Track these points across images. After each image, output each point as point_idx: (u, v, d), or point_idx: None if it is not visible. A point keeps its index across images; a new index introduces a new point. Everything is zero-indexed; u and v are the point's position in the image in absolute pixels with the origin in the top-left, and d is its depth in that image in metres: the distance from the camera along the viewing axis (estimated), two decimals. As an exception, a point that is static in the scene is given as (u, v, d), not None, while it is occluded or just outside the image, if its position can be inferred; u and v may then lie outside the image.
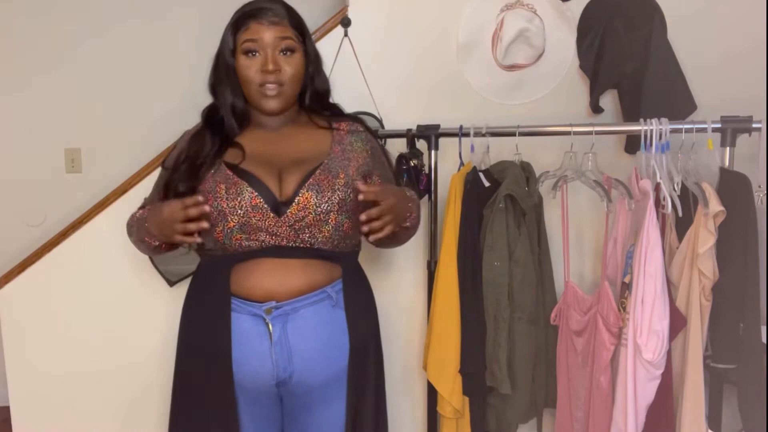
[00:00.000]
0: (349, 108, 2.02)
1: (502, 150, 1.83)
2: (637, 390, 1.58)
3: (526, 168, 1.80)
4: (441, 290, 1.79)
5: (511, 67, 2.00)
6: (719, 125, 1.64)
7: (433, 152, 1.88)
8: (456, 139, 1.83)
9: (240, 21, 1.38)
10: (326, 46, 2.01)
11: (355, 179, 1.38)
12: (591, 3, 1.96)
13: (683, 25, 1.92)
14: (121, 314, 2.13)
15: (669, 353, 1.59)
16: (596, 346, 1.69)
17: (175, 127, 1.54)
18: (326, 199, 1.33)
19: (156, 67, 2.62)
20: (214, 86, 1.45)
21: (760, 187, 1.59)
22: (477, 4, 1.99)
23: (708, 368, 1.62)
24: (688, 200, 1.62)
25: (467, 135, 1.80)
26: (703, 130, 1.63)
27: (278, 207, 1.33)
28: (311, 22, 2.35)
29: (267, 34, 1.36)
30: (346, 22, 1.99)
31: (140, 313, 2.13)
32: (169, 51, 2.61)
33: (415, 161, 1.84)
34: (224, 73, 1.41)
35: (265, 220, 1.32)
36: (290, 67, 1.38)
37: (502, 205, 1.72)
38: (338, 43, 2.00)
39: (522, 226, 1.76)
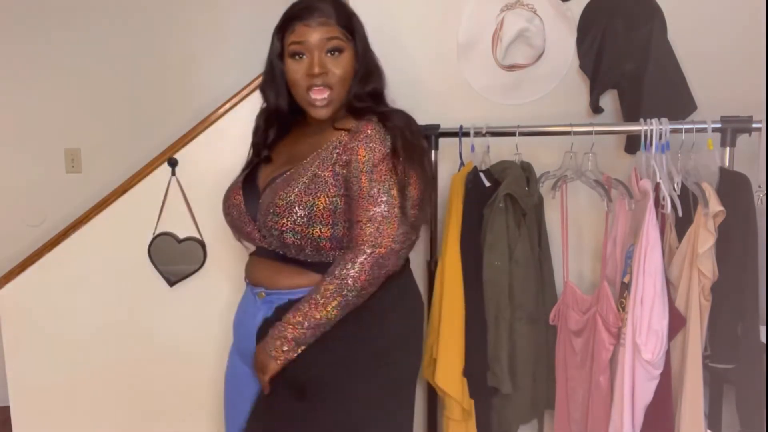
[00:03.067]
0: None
1: (502, 150, 1.83)
2: (635, 390, 1.58)
3: (526, 168, 1.80)
4: (447, 292, 1.77)
5: (511, 67, 2.00)
6: (719, 125, 1.64)
7: (433, 152, 1.88)
8: (456, 139, 1.83)
9: (286, 23, 1.36)
10: (326, 46, 2.01)
11: (308, 192, 1.30)
12: (591, 3, 1.96)
13: (683, 25, 1.92)
14: (121, 314, 2.13)
15: (668, 353, 1.59)
16: (595, 346, 1.69)
17: (173, 127, 1.55)
18: (278, 207, 1.32)
19: (156, 67, 2.62)
20: (263, 90, 1.45)
21: (760, 187, 1.59)
22: (477, 4, 1.99)
23: (707, 368, 1.62)
24: (688, 200, 1.62)
25: (467, 135, 1.80)
26: (703, 130, 1.63)
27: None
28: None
29: (313, 35, 1.32)
30: (346, 22, 1.98)
31: (140, 313, 2.13)
32: (168, 52, 2.61)
33: (415, 161, 1.84)
34: (271, 76, 1.41)
35: (245, 224, 1.40)
36: (338, 68, 1.33)
37: (502, 204, 1.72)
38: (338, 43, 2.00)
39: (522, 226, 1.76)
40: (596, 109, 1.98)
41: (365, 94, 1.40)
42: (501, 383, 1.75)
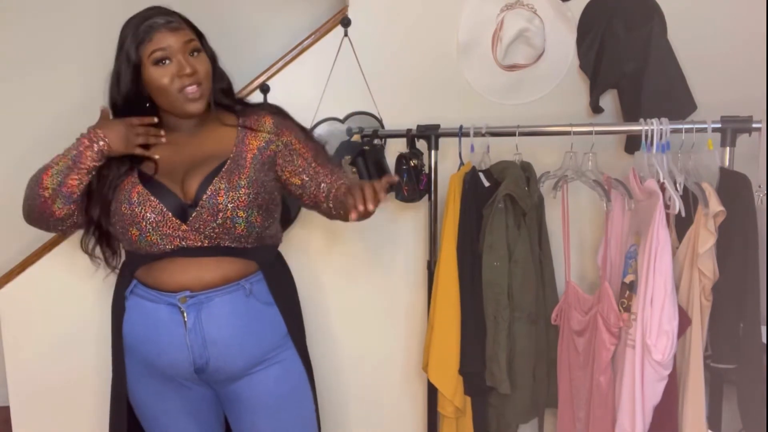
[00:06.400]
0: (349, 108, 2.04)
1: (502, 150, 1.83)
2: (645, 391, 1.58)
3: (526, 168, 1.80)
4: (441, 290, 1.79)
5: (511, 67, 2.00)
6: (719, 125, 1.64)
7: (433, 152, 1.88)
8: (456, 139, 1.83)
9: (141, 34, 1.38)
10: (326, 46, 2.01)
11: (258, 176, 1.42)
12: (591, 3, 1.96)
13: (683, 25, 1.92)
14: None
15: (672, 354, 1.59)
16: (596, 346, 1.69)
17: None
18: (230, 198, 1.37)
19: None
20: (119, 104, 1.46)
21: (760, 187, 1.59)
22: (477, 4, 1.99)
23: (708, 368, 1.62)
24: (688, 200, 1.62)
25: (467, 135, 1.80)
26: (703, 130, 1.63)
27: (185, 211, 1.38)
28: (311, 22, 2.35)
29: (173, 40, 1.38)
30: (346, 22, 1.99)
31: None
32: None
33: (415, 161, 1.84)
34: (132, 89, 1.42)
35: (172, 227, 1.38)
36: (202, 66, 1.41)
37: (501, 205, 1.72)
38: (338, 43, 2.00)
39: (522, 227, 1.76)
40: (596, 109, 1.98)
41: (224, 91, 1.51)
42: (499, 383, 1.75)
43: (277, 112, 1.53)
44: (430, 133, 1.86)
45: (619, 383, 1.64)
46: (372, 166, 1.89)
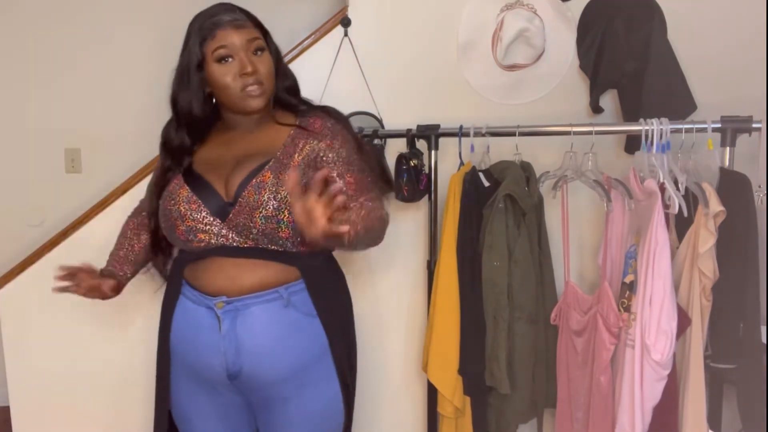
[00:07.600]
0: (348, 108, 2.03)
1: (502, 150, 1.83)
2: (644, 391, 1.58)
3: (526, 168, 1.80)
4: (441, 290, 1.80)
5: (511, 67, 2.00)
6: (719, 125, 1.64)
7: (433, 152, 1.88)
8: (456, 139, 1.83)
9: (205, 31, 1.38)
10: (326, 46, 2.02)
11: (302, 179, 1.36)
12: (591, 3, 1.96)
13: (683, 25, 1.92)
14: (121, 314, 2.13)
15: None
16: (596, 346, 1.69)
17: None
18: (270, 196, 1.33)
19: (156, 67, 2.62)
20: (179, 100, 1.45)
21: (760, 187, 1.59)
22: (477, 4, 1.99)
23: (708, 368, 1.62)
24: (689, 200, 1.62)
25: (467, 135, 1.80)
26: (703, 130, 1.63)
27: (225, 209, 1.36)
28: (311, 22, 2.36)
29: (236, 37, 1.36)
30: (346, 22, 1.99)
31: (140, 313, 2.13)
32: (169, 52, 2.60)
33: (415, 161, 1.84)
34: (187, 87, 1.41)
35: (210, 224, 1.37)
36: (264, 65, 1.39)
37: (501, 205, 1.73)
38: (338, 43, 2.00)
39: (522, 226, 1.76)
40: (596, 109, 1.98)
41: (287, 90, 1.49)
42: (499, 383, 1.75)
43: (338, 119, 1.48)
44: (430, 133, 1.86)
45: (619, 383, 1.64)
46: (372, 166, 1.89)
